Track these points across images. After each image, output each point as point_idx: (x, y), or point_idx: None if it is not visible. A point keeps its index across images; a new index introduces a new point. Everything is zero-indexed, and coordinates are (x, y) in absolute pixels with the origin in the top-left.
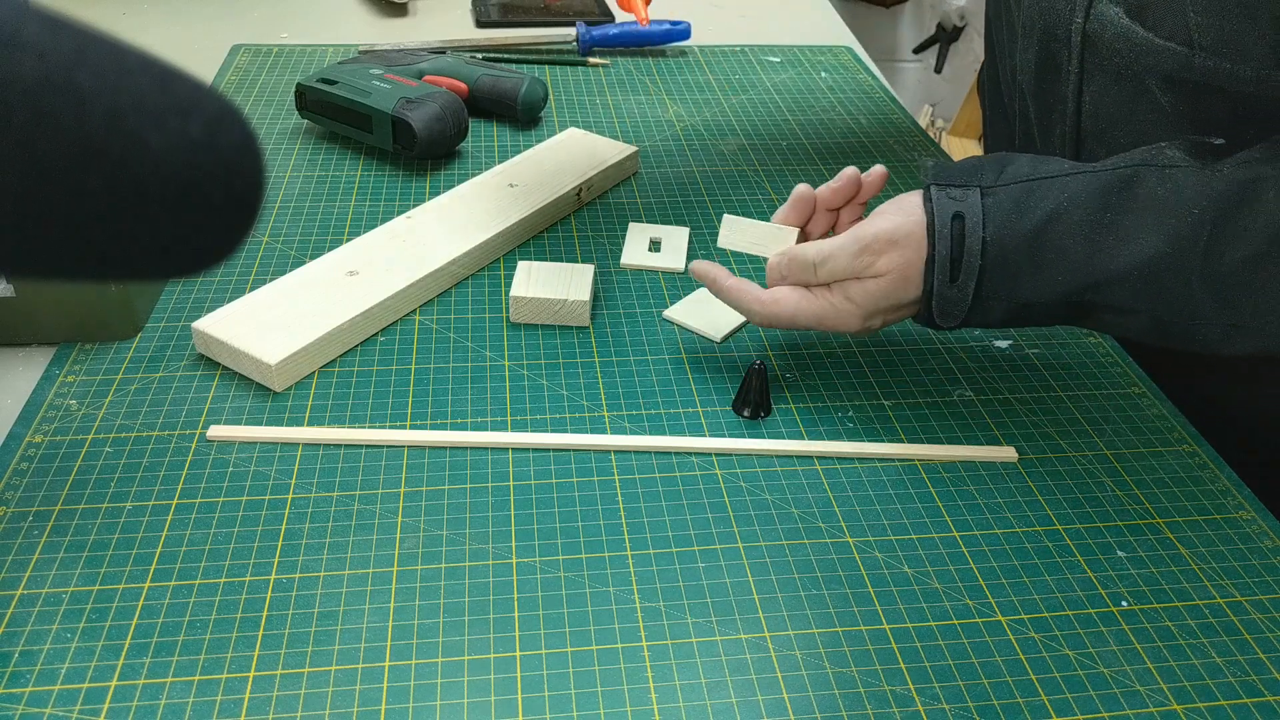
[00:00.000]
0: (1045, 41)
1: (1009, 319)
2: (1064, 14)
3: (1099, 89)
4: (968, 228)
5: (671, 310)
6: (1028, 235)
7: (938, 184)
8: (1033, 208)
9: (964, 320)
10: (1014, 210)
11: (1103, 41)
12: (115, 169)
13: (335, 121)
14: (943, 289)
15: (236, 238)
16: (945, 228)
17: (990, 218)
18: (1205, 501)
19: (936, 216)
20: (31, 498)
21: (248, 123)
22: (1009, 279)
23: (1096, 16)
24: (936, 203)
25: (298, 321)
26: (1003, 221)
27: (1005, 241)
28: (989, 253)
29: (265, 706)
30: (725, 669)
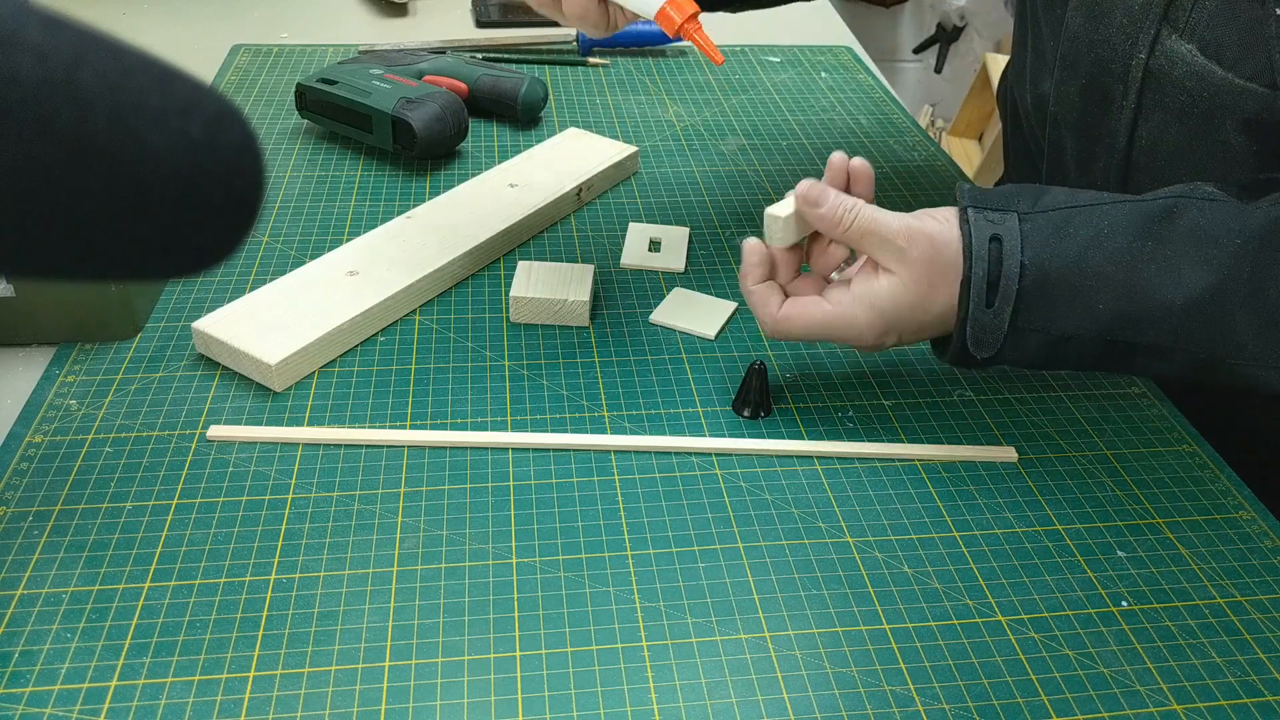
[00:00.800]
0: (1095, 75)
1: (1045, 355)
2: (1121, 48)
3: (1158, 125)
4: (1005, 250)
5: (657, 314)
6: (1067, 261)
7: (974, 206)
8: (1072, 234)
9: (999, 352)
10: (1053, 235)
11: (1169, 79)
12: (115, 169)
13: (335, 121)
14: (978, 313)
15: (236, 238)
16: (983, 248)
17: (1029, 242)
18: (1205, 501)
19: (974, 236)
20: (31, 498)
21: (248, 123)
22: (1047, 307)
23: (1163, 53)
24: (974, 224)
25: (298, 321)
26: (1041, 246)
27: (1044, 266)
28: (1027, 276)
29: (265, 706)
30: (725, 669)
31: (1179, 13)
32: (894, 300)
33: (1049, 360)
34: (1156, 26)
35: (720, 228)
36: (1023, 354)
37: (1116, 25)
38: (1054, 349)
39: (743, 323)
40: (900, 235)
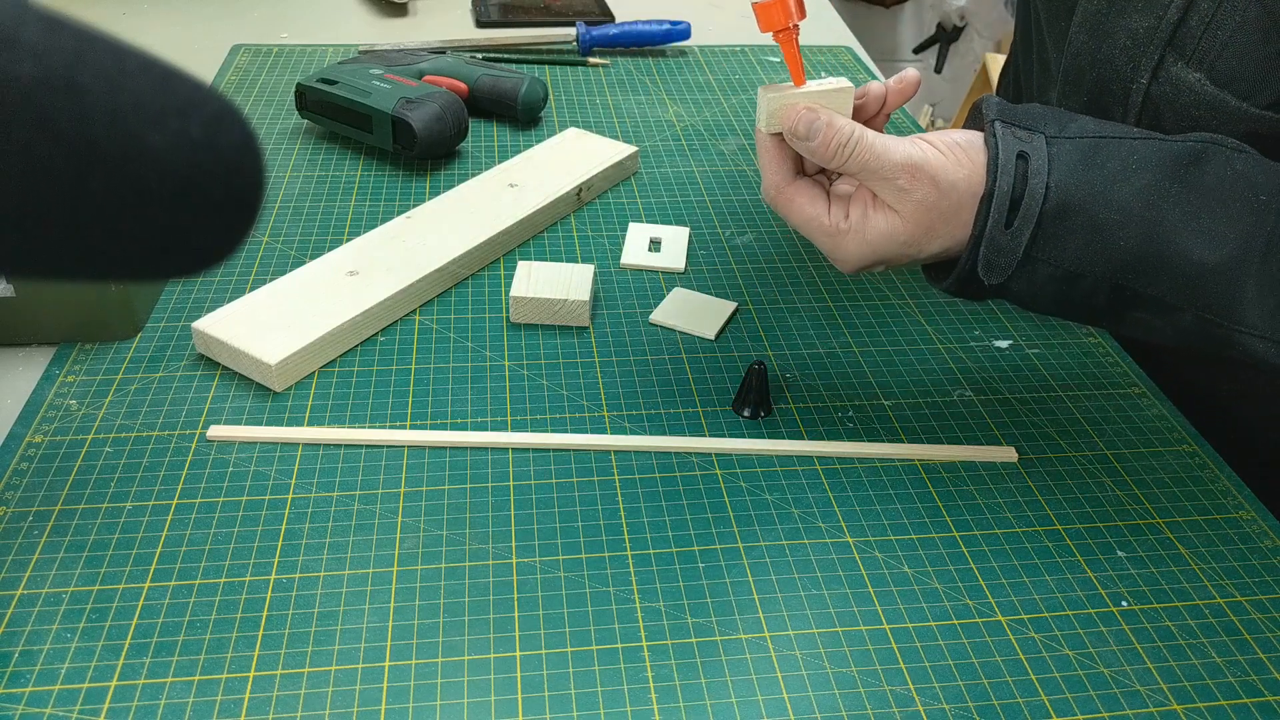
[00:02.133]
0: (1096, 95)
1: (1050, 293)
2: (1123, 70)
3: None
4: (1031, 169)
5: (656, 314)
6: (1093, 190)
7: (1003, 120)
8: (1099, 164)
9: (1008, 282)
10: (1080, 162)
11: (1171, 106)
12: (115, 169)
13: (335, 121)
14: (996, 232)
15: (236, 238)
16: (1009, 164)
17: (1055, 165)
18: (1205, 501)
19: (1001, 150)
20: (31, 498)
21: (248, 122)
22: (1064, 236)
23: (1167, 80)
24: (1002, 138)
25: (298, 321)
26: (1068, 171)
27: (1069, 192)
28: (1050, 200)
29: (265, 706)
30: (725, 669)
31: (1186, 39)
32: (889, 238)
33: (1054, 300)
34: (1160, 52)
35: (720, 228)
36: (1030, 287)
37: (1119, 47)
38: (1062, 286)
39: (742, 323)
40: (902, 173)
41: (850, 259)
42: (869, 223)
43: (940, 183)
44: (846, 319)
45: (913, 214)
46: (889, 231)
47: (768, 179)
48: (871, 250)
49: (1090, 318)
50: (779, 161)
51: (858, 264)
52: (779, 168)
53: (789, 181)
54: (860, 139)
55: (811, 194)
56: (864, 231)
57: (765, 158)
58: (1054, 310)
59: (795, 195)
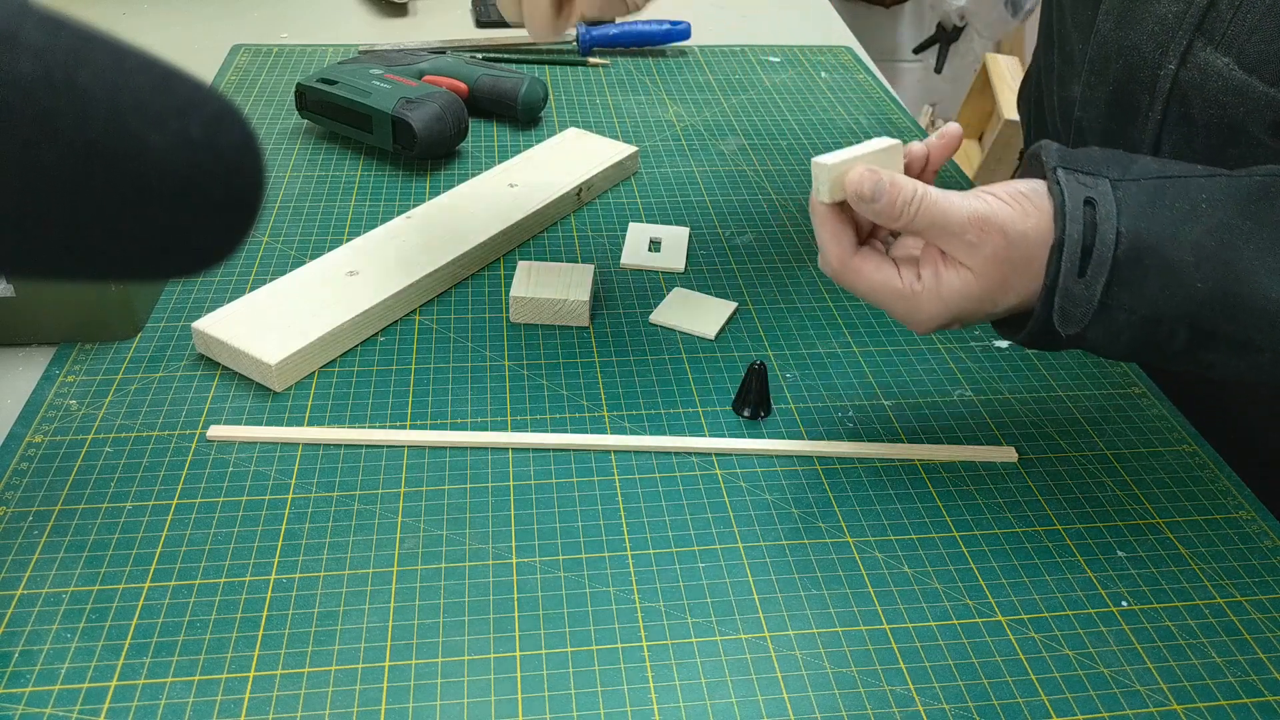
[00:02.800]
0: (1123, 83)
1: (1131, 340)
2: (1150, 57)
3: (1182, 138)
4: (1100, 215)
5: (657, 314)
6: (1164, 232)
7: (1065, 167)
8: (1168, 205)
9: (1084, 331)
10: (1148, 205)
11: (1200, 93)
12: (115, 169)
13: (335, 121)
14: (1069, 282)
15: (236, 238)
16: (1077, 210)
17: (1125, 209)
18: (1205, 501)
19: (1068, 198)
20: (31, 498)
21: (248, 122)
22: (1140, 281)
23: (1195, 65)
24: (1066, 185)
25: (298, 321)
26: (1137, 214)
27: (1141, 235)
28: (1122, 245)
29: (265, 706)
30: (725, 669)
31: (1215, 24)
32: (964, 295)
33: (1132, 345)
34: (1189, 37)
35: (720, 228)
36: (1108, 335)
37: (1147, 33)
38: (1140, 332)
39: (742, 323)
40: (970, 228)
41: (926, 320)
42: (942, 281)
43: (1010, 234)
44: (846, 319)
45: (985, 268)
46: (963, 288)
47: (831, 252)
48: (947, 308)
49: (1167, 361)
50: (840, 232)
51: (934, 324)
52: (841, 239)
53: (852, 252)
54: (925, 195)
55: (877, 260)
56: (938, 290)
57: (825, 230)
58: (1130, 355)
59: (861, 264)
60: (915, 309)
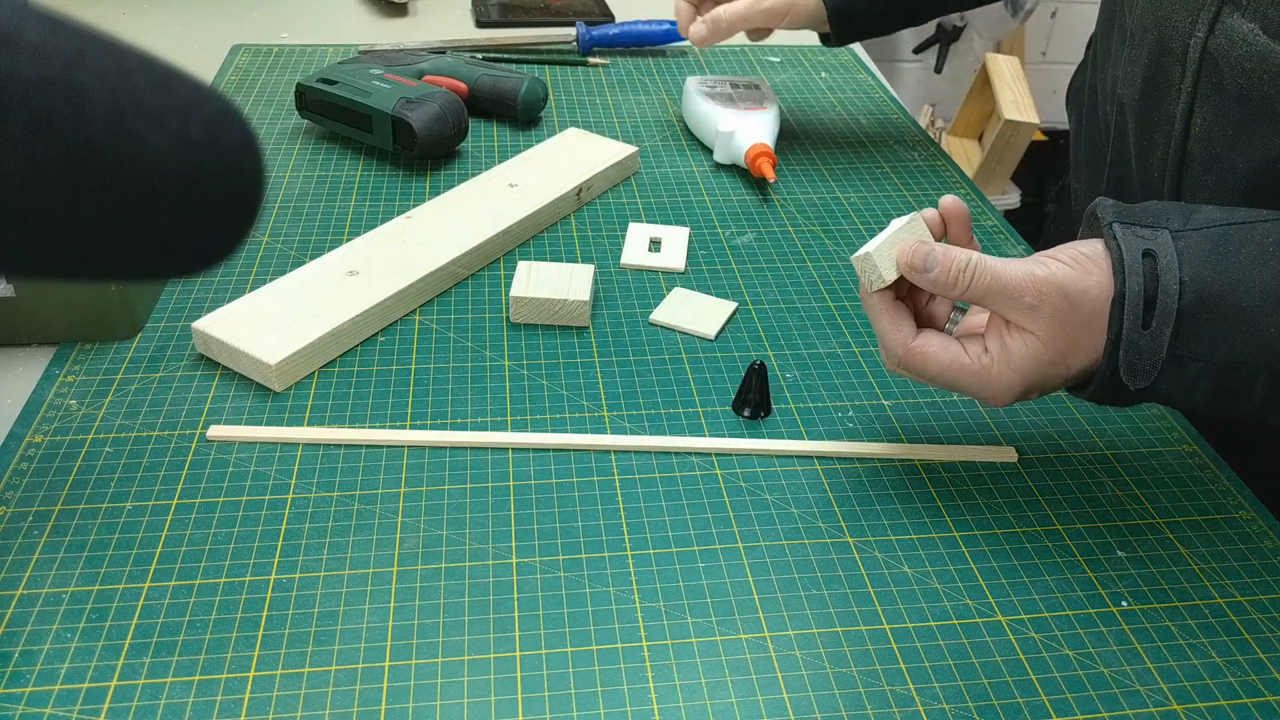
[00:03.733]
0: (1157, 55)
1: (1207, 390)
2: (1182, 26)
3: (1214, 110)
4: (1161, 266)
5: (657, 313)
6: (1231, 279)
7: (1121, 222)
8: (1233, 251)
9: (1155, 384)
10: (1212, 252)
11: (1227, 60)
12: (115, 169)
13: (335, 121)
14: (1133, 335)
15: (236, 238)
16: (1136, 263)
17: (1186, 259)
18: (1205, 501)
19: (1125, 251)
20: (31, 498)
21: (248, 122)
22: (1209, 330)
23: (1223, 32)
24: (1123, 239)
25: (298, 321)
26: (1200, 263)
27: (1206, 284)
28: (1187, 295)
29: (265, 706)
30: (725, 669)
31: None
32: (1035, 361)
33: (1213, 396)
34: (1218, 4)
35: (720, 228)
36: (1181, 386)
37: (1179, 2)
38: (1217, 382)
39: (742, 323)
40: (1029, 291)
41: (1002, 392)
42: (1010, 350)
43: (1070, 293)
44: (846, 319)
45: (1048, 330)
46: (1031, 354)
47: (892, 340)
48: (1021, 377)
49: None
50: (899, 320)
51: (1010, 396)
52: (901, 326)
53: (913, 337)
54: (979, 261)
55: (942, 340)
56: (1008, 360)
57: (884, 320)
58: (1209, 407)
59: (926, 347)
60: (988, 383)
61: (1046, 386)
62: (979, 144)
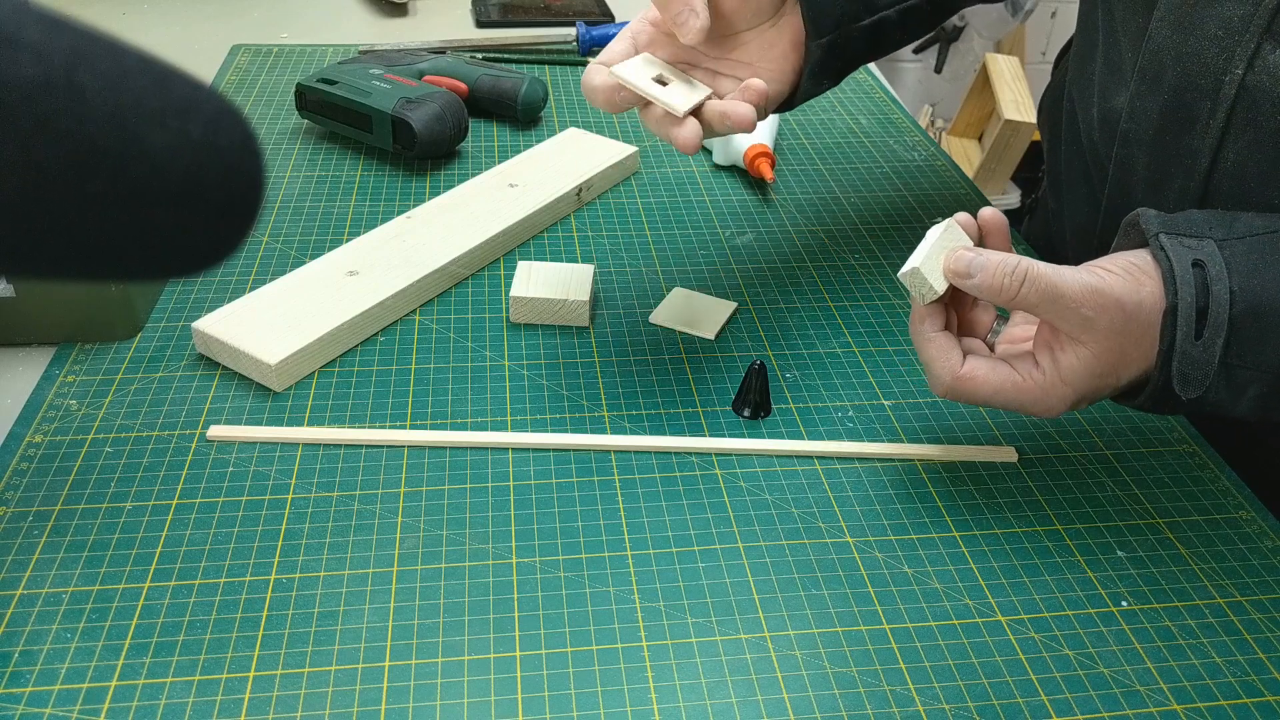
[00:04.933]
0: (1180, 91)
1: (1260, 397)
2: (1214, 63)
3: (1247, 146)
4: (1211, 276)
5: (657, 314)
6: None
7: (1167, 233)
8: (1278, 260)
9: (1206, 393)
10: (1260, 262)
11: (1268, 97)
12: (115, 169)
13: (335, 121)
14: (1187, 345)
15: (236, 238)
16: (1186, 273)
17: (1234, 268)
18: (1205, 501)
19: (1175, 262)
20: (31, 498)
21: (248, 123)
22: (1260, 338)
23: (1264, 69)
24: (1171, 250)
25: (298, 321)
26: (1249, 272)
27: (1256, 292)
28: (1237, 304)
29: (265, 706)
30: (725, 669)
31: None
32: (1088, 373)
33: (1261, 402)
34: (1257, 40)
35: (720, 228)
36: (1232, 396)
37: (1210, 37)
38: (1268, 387)
39: (742, 323)
40: (1085, 302)
41: (1055, 406)
42: (1061, 365)
43: (1127, 305)
44: (846, 319)
45: (1102, 342)
46: (1083, 367)
47: (940, 368)
48: (1074, 390)
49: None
50: (946, 349)
51: (1063, 408)
52: (949, 353)
53: (961, 364)
54: (1031, 267)
55: (990, 363)
56: (1059, 375)
57: (931, 348)
58: (1257, 413)
59: (974, 372)
60: (1040, 399)
61: (1096, 397)
62: (979, 144)
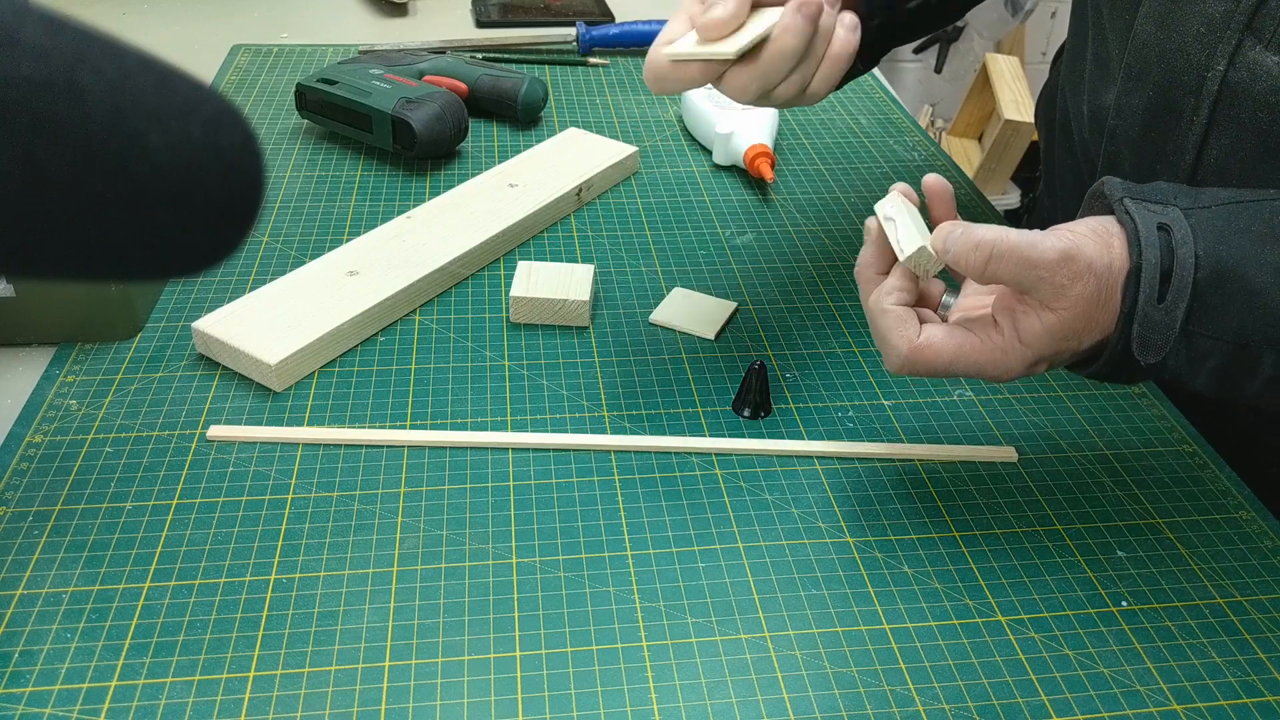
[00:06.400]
0: (1164, 88)
1: (1216, 369)
2: (1197, 60)
3: (1230, 142)
4: (1176, 239)
5: (657, 314)
6: (1244, 254)
7: (1132, 198)
8: (1244, 228)
9: (1165, 359)
10: (1225, 228)
11: (1249, 94)
12: (115, 169)
13: (335, 121)
14: (1149, 308)
15: (236, 238)
16: (1152, 235)
17: (1200, 234)
18: (1205, 501)
19: (1140, 225)
20: (31, 498)
21: (248, 123)
22: (1223, 305)
23: (1245, 65)
24: (1137, 213)
25: (298, 321)
26: (1214, 239)
27: (1220, 259)
28: (1202, 268)
29: (265, 706)
30: (725, 669)
31: (1266, 22)
32: (1050, 336)
33: (1219, 374)
34: (1239, 36)
35: (720, 228)
36: (1192, 362)
37: (1192, 34)
38: (1226, 360)
39: (742, 323)
40: (1062, 272)
41: (1014, 367)
42: (1022, 327)
43: (1098, 269)
44: (846, 319)
45: (1072, 308)
46: (1046, 331)
47: (897, 338)
48: (1033, 352)
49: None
50: (905, 319)
51: (1021, 370)
52: (906, 324)
53: (918, 334)
54: (1001, 240)
55: (946, 330)
56: (1019, 336)
57: (889, 319)
58: (1213, 385)
59: (930, 339)
60: (1000, 360)
61: (1055, 361)
62: (979, 144)
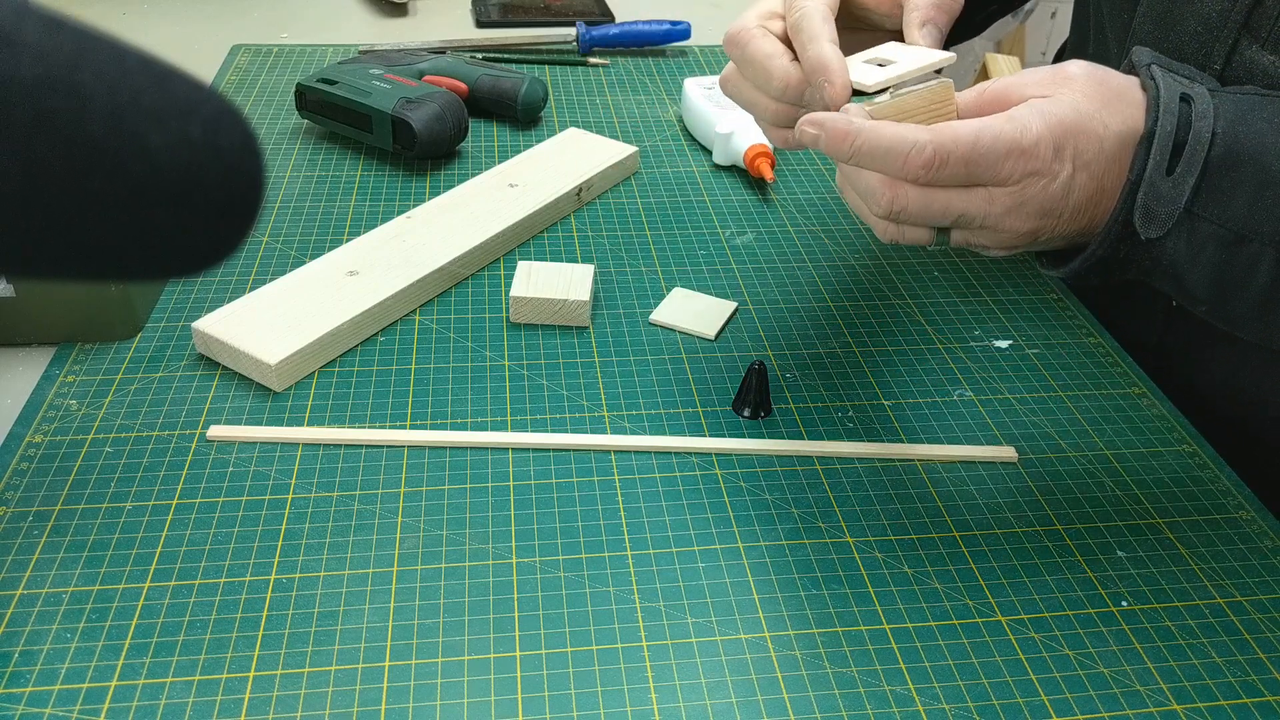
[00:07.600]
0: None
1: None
2: (1193, 58)
3: None
4: (1196, 112)
5: (657, 314)
6: (1261, 143)
7: (1161, 66)
8: (1266, 118)
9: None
10: (1248, 114)
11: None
12: (115, 169)
13: (335, 121)
14: (1156, 177)
15: (237, 238)
16: (1173, 103)
17: (1221, 113)
18: (1205, 501)
19: (1163, 90)
20: (31, 498)
21: (248, 123)
22: (1231, 190)
23: (1241, 65)
24: (1162, 80)
25: (298, 321)
26: (1235, 120)
27: (1237, 138)
28: (1217, 146)
29: (265, 706)
30: (725, 669)
31: (1262, 21)
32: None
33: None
34: (1235, 36)
35: (720, 228)
36: (1190, 249)
37: (1189, 33)
38: (1227, 252)
39: (742, 323)
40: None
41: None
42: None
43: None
44: (846, 319)
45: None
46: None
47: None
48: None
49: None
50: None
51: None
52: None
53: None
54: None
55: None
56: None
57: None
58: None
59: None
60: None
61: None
62: None
